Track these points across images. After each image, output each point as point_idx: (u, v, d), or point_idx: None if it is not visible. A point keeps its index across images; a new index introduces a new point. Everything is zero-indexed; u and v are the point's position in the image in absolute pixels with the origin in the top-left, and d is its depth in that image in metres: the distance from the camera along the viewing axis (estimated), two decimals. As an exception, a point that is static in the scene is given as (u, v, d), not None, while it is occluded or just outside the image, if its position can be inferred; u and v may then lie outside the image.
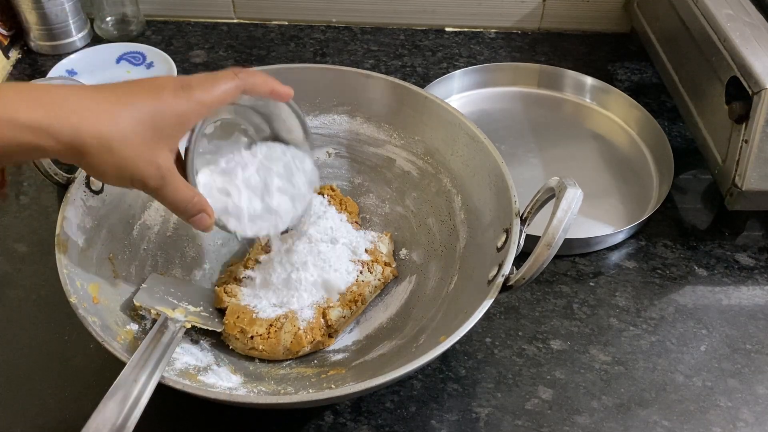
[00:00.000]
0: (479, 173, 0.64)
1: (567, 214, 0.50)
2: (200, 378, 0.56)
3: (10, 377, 0.62)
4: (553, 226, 0.50)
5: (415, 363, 0.49)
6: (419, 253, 0.68)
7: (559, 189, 0.52)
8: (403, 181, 0.71)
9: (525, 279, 0.52)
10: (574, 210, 0.50)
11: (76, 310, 0.51)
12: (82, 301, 0.53)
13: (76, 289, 0.53)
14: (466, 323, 0.50)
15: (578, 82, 0.89)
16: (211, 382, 0.57)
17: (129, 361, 0.49)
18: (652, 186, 0.79)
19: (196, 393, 0.50)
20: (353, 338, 0.64)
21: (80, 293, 0.54)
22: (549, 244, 0.50)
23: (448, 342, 0.50)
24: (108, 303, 0.57)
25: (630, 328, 0.66)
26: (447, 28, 1.01)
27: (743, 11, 0.71)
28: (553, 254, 0.50)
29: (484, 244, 0.61)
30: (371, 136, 0.72)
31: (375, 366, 0.59)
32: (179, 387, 0.49)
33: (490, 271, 0.56)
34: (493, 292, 0.52)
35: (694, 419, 0.60)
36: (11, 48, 0.95)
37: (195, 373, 0.57)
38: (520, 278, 0.52)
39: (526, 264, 0.52)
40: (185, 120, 0.50)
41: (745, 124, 0.66)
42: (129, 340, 0.55)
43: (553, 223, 0.50)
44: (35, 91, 0.45)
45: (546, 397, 0.61)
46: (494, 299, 0.52)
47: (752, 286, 0.70)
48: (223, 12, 1.01)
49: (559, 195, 0.51)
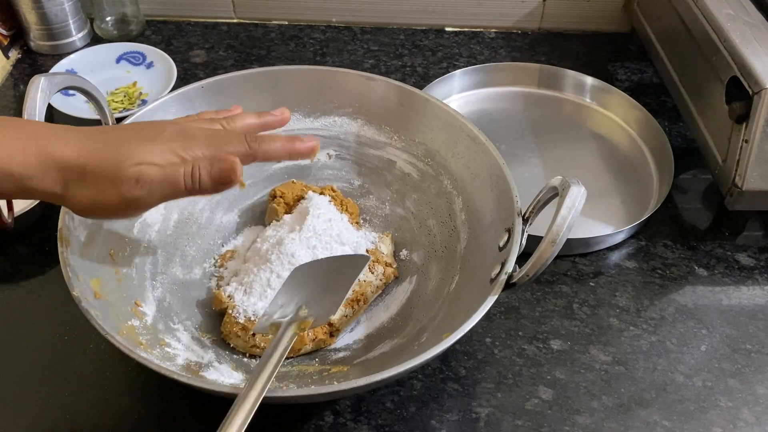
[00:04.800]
0: (480, 175, 0.64)
1: (571, 211, 0.50)
2: (202, 374, 0.57)
3: (10, 377, 0.62)
4: (557, 224, 0.50)
5: (418, 359, 0.49)
6: (420, 254, 0.69)
7: (563, 187, 0.52)
8: (404, 183, 0.72)
9: (528, 276, 0.52)
10: (578, 208, 0.51)
11: (79, 303, 0.51)
12: (85, 295, 0.53)
13: (79, 284, 0.53)
14: (469, 320, 0.50)
15: (578, 82, 0.89)
16: (212, 378, 0.57)
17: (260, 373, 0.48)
18: (652, 186, 0.79)
19: (201, 386, 0.49)
20: (355, 337, 0.64)
21: (83, 287, 0.54)
22: (553, 241, 0.50)
23: (451, 338, 0.50)
24: (109, 298, 0.57)
25: (630, 328, 0.66)
26: (447, 28, 1.01)
27: (743, 11, 0.71)
28: (557, 251, 0.51)
29: (485, 244, 0.61)
30: (372, 138, 0.72)
31: (377, 364, 0.60)
32: (184, 381, 0.49)
33: (492, 270, 0.56)
34: (496, 289, 0.52)
35: (694, 419, 0.60)
36: (11, 48, 0.95)
37: (197, 369, 0.57)
38: (524, 275, 0.52)
39: (530, 261, 0.52)
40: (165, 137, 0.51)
41: (745, 124, 0.66)
42: (131, 335, 0.55)
43: (557, 221, 0.50)
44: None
45: (546, 397, 0.61)
46: (497, 297, 0.52)
47: (752, 286, 0.70)
48: (223, 12, 1.01)
49: (562, 193, 0.51)
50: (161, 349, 0.57)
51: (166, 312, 0.62)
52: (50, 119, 0.84)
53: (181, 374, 0.49)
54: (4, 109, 0.87)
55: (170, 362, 0.56)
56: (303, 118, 0.72)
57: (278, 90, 0.71)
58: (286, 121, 0.59)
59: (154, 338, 0.57)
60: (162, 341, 0.58)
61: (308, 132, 0.72)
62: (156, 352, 0.56)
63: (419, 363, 0.49)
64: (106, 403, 0.60)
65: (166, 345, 0.58)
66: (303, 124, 0.72)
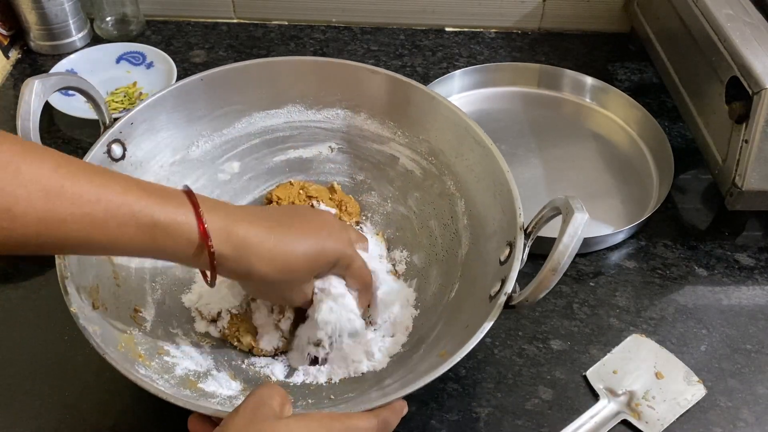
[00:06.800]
0: (484, 179, 0.63)
1: (573, 239, 0.49)
2: (200, 385, 0.56)
3: (10, 377, 0.62)
4: (559, 251, 0.49)
5: (413, 386, 0.48)
6: (420, 256, 0.68)
7: (566, 212, 0.50)
8: (406, 180, 0.71)
9: (528, 302, 0.51)
10: (580, 236, 0.49)
11: (77, 320, 0.51)
12: (83, 309, 0.52)
13: (76, 297, 0.53)
14: (468, 343, 0.49)
15: (578, 82, 0.89)
16: (210, 389, 0.56)
17: None
18: (652, 186, 0.79)
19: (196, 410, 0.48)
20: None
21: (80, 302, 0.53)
22: (554, 270, 0.49)
23: (449, 363, 0.49)
24: (108, 306, 0.56)
25: (630, 328, 0.66)
26: (447, 28, 1.01)
27: (743, 11, 0.71)
28: (557, 279, 0.49)
29: (487, 253, 0.60)
30: (375, 132, 0.71)
31: (374, 377, 0.59)
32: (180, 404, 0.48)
33: (493, 285, 0.55)
34: (495, 311, 0.51)
35: (694, 419, 0.60)
36: (11, 48, 0.95)
37: (195, 380, 0.57)
38: (523, 300, 0.51)
39: (530, 286, 0.50)
40: (334, 262, 0.57)
41: (745, 124, 0.66)
42: (130, 346, 0.55)
43: (559, 248, 0.49)
44: (231, 223, 0.50)
45: (546, 397, 0.61)
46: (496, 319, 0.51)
47: (752, 286, 0.70)
48: (223, 12, 1.01)
49: (566, 218, 0.50)
50: (160, 359, 0.56)
51: (165, 316, 0.61)
52: (50, 119, 0.85)
53: (178, 398, 0.48)
54: (4, 109, 0.87)
55: (168, 374, 0.55)
56: (305, 110, 0.71)
57: (280, 82, 0.70)
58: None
59: (153, 347, 0.57)
60: (161, 349, 0.57)
61: (310, 124, 0.72)
62: (155, 363, 0.55)
63: (415, 389, 0.48)
64: (106, 403, 0.60)
65: (165, 353, 0.57)
66: (305, 116, 0.72)
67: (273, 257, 0.52)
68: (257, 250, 0.51)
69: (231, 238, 0.50)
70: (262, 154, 0.72)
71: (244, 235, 0.51)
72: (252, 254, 0.51)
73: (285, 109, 0.71)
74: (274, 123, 0.72)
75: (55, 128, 0.84)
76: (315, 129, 0.72)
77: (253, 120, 0.71)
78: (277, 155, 0.73)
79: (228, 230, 0.50)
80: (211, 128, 0.70)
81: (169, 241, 0.48)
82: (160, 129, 0.66)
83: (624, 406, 0.60)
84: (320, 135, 0.72)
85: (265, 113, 0.71)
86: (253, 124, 0.71)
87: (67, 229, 0.44)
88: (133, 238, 0.47)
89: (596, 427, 0.58)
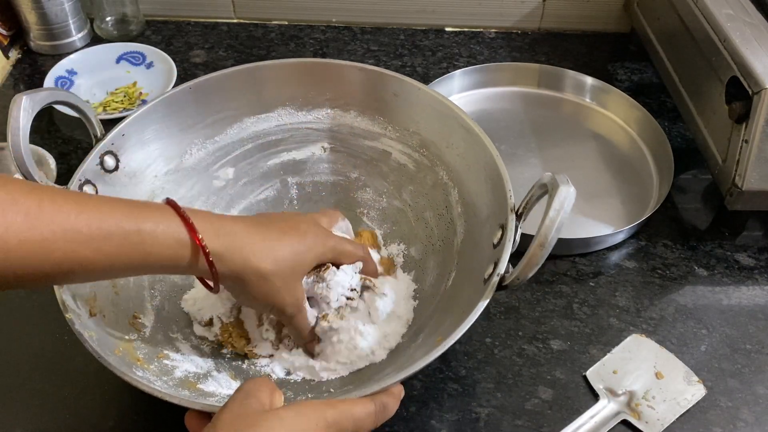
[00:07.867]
0: (475, 166, 0.63)
1: (559, 213, 0.48)
2: (200, 386, 0.56)
3: (10, 377, 0.62)
4: (545, 226, 0.49)
5: (409, 370, 0.48)
6: (418, 248, 0.68)
7: (552, 186, 0.50)
8: (400, 174, 0.71)
9: (520, 279, 0.51)
10: (566, 209, 0.49)
11: (72, 326, 0.51)
12: (78, 315, 0.52)
13: (71, 305, 0.53)
14: (462, 325, 0.49)
15: (578, 82, 0.89)
16: (210, 390, 0.56)
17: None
18: (652, 186, 0.79)
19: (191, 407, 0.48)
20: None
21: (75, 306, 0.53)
22: (542, 245, 0.49)
23: (444, 345, 0.49)
24: (106, 314, 0.56)
25: (630, 328, 0.66)
26: (447, 28, 1.01)
27: (743, 11, 0.71)
28: (546, 254, 0.49)
29: (481, 239, 0.60)
30: (365, 129, 0.71)
31: (372, 369, 0.59)
32: (175, 401, 0.48)
33: (487, 268, 0.55)
34: (488, 292, 0.51)
35: (694, 419, 0.60)
36: (11, 48, 0.95)
37: (195, 381, 0.56)
38: (515, 279, 0.51)
39: (520, 264, 0.51)
40: (318, 260, 0.57)
41: (745, 124, 0.66)
42: (128, 351, 0.55)
43: (545, 223, 0.49)
44: (216, 221, 0.51)
45: (546, 397, 0.61)
46: (491, 298, 0.52)
47: (752, 286, 0.70)
48: (223, 12, 1.01)
49: (551, 193, 0.50)
50: (159, 362, 0.56)
51: (165, 322, 0.61)
52: (50, 119, 0.85)
53: (173, 395, 0.48)
54: (3, 109, 0.87)
55: (167, 376, 0.55)
56: (295, 112, 0.72)
57: (268, 86, 0.70)
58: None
59: (152, 351, 0.57)
60: (161, 354, 0.57)
61: (301, 126, 0.72)
62: (153, 366, 0.55)
63: (411, 373, 0.48)
64: (106, 403, 0.60)
65: (165, 357, 0.57)
66: (296, 118, 0.72)
67: (263, 249, 0.52)
68: (248, 242, 0.52)
69: (220, 236, 0.50)
70: (255, 158, 0.72)
71: (232, 230, 0.51)
72: (244, 247, 0.51)
73: (275, 113, 0.71)
74: (265, 127, 0.72)
75: (54, 128, 0.84)
76: (306, 130, 0.72)
77: (245, 125, 0.71)
78: (271, 159, 0.73)
79: (215, 228, 0.50)
80: (204, 136, 0.70)
81: (157, 246, 0.48)
82: (153, 139, 0.66)
83: (624, 406, 0.60)
84: (312, 136, 0.72)
85: (256, 118, 0.71)
86: (245, 129, 0.71)
87: (51, 248, 0.44)
88: (121, 249, 0.46)
89: (596, 427, 0.58)
